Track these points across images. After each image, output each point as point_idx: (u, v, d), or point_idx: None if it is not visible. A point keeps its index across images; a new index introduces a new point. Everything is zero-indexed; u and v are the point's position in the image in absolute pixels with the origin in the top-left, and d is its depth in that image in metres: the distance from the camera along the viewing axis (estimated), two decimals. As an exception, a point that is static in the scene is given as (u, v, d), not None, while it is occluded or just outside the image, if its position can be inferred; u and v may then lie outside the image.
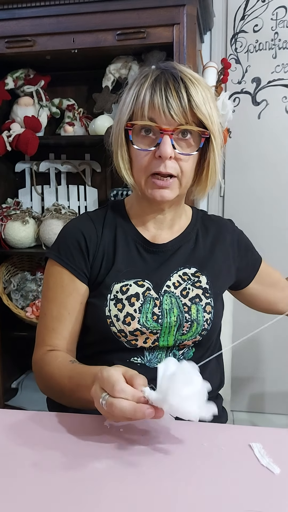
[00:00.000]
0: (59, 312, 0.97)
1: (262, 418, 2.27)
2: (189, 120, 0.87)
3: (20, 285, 2.06)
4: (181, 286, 0.98)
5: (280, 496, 0.61)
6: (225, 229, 1.09)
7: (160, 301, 0.95)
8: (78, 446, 0.72)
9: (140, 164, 0.91)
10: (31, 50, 1.74)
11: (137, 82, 0.90)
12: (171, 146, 0.87)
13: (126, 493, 0.61)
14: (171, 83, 0.86)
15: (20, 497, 0.60)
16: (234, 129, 2.13)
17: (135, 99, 0.89)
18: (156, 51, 1.73)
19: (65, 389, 0.86)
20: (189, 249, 1.02)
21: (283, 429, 0.78)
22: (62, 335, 0.97)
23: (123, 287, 0.95)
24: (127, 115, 0.91)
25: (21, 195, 2.15)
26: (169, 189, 0.92)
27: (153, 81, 0.88)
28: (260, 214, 2.19)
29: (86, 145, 2.08)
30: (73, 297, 0.97)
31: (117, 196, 1.93)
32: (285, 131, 2.12)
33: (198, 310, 0.96)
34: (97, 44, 1.69)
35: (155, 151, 0.89)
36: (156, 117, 0.87)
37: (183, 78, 0.87)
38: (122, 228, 1.02)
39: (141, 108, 0.88)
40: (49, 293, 0.99)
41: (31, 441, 0.74)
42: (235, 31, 2.10)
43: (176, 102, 0.85)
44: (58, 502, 0.59)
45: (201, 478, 0.64)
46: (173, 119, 0.86)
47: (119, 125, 0.93)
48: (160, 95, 0.86)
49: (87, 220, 1.03)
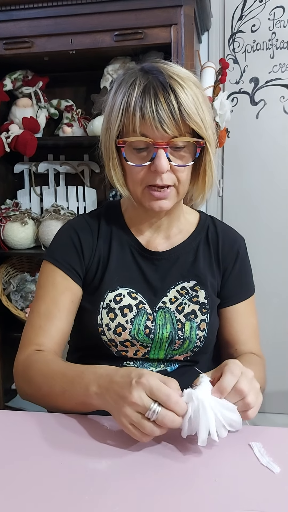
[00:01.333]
0: (48, 309, 0.93)
1: (261, 418, 2.27)
2: (182, 131, 0.84)
3: (19, 286, 2.06)
4: (178, 301, 0.95)
5: (280, 496, 0.61)
6: (227, 242, 1.03)
7: (154, 316, 0.94)
8: (77, 447, 0.72)
9: (135, 178, 0.89)
10: (29, 51, 1.74)
11: (125, 90, 0.85)
12: (166, 160, 0.84)
13: (126, 494, 0.61)
14: (160, 93, 0.82)
15: (20, 498, 0.61)
16: (232, 129, 2.13)
17: (124, 110, 0.85)
18: (154, 51, 1.74)
19: (55, 387, 0.80)
20: (189, 261, 0.99)
21: (283, 428, 0.78)
22: (50, 333, 0.91)
23: (116, 296, 0.94)
24: (117, 128, 0.87)
25: (20, 196, 2.15)
26: (167, 199, 0.90)
27: (142, 92, 0.83)
28: (259, 214, 2.19)
29: (85, 146, 2.08)
30: (65, 295, 0.94)
31: (116, 197, 1.94)
32: (283, 130, 2.12)
33: (192, 327, 0.94)
34: (95, 45, 1.69)
35: (150, 166, 0.86)
36: (149, 132, 0.83)
37: (171, 85, 0.82)
38: (117, 233, 1.00)
39: (131, 123, 0.84)
40: (40, 291, 0.96)
41: (31, 442, 0.74)
42: (232, 31, 2.10)
43: (167, 115, 0.81)
44: (57, 503, 0.59)
45: (201, 478, 0.64)
46: (166, 132, 0.82)
47: (110, 138, 0.89)
48: (151, 109, 0.81)
49: (83, 223, 1.01)
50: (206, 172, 0.93)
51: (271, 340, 2.22)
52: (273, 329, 2.22)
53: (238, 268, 1.03)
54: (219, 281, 1.01)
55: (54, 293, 0.94)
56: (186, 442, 0.73)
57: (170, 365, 0.96)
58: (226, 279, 1.02)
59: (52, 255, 0.97)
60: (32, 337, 0.92)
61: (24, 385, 0.89)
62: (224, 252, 1.02)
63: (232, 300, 1.03)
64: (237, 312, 1.03)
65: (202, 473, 0.66)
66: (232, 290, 1.02)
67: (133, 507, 0.58)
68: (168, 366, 0.96)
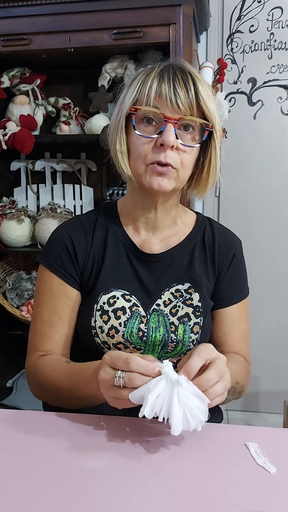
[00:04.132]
0: (49, 317, 0.96)
1: (256, 417, 2.28)
2: (194, 113, 0.86)
3: (15, 284, 2.06)
4: (172, 303, 0.95)
5: (276, 496, 0.61)
6: (223, 245, 1.03)
7: (147, 319, 0.94)
8: (73, 446, 0.72)
9: (139, 152, 0.88)
10: (27, 48, 1.74)
11: (143, 73, 0.89)
12: (174, 135, 0.85)
13: (123, 493, 0.61)
14: (179, 74, 0.86)
15: (16, 498, 0.60)
16: (230, 129, 2.13)
17: (140, 86, 0.87)
18: (152, 50, 1.74)
19: (63, 389, 0.86)
20: (184, 263, 0.99)
21: (279, 428, 0.79)
22: (54, 340, 0.95)
23: (110, 299, 0.94)
24: (132, 100, 0.88)
25: (17, 194, 2.15)
26: (167, 177, 0.88)
27: (161, 71, 0.87)
28: (256, 214, 2.20)
29: (82, 144, 2.07)
30: (63, 302, 0.96)
31: (113, 196, 1.93)
32: (281, 131, 2.13)
33: (185, 330, 0.94)
34: (93, 43, 1.69)
35: (157, 139, 0.86)
36: (162, 106, 0.86)
37: (191, 73, 0.87)
38: (113, 234, 1.00)
39: (147, 95, 0.86)
40: (40, 298, 0.98)
41: (26, 441, 0.73)
42: (231, 31, 2.11)
43: (183, 93, 0.85)
44: (54, 502, 0.59)
45: (197, 478, 0.65)
46: (179, 108, 0.85)
47: (120, 113, 0.91)
48: (168, 84, 0.85)
49: (77, 224, 1.01)
50: (211, 164, 0.94)
51: (265, 340, 2.23)
52: (266, 330, 2.23)
53: (232, 271, 1.03)
54: (213, 283, 1.01)
55: (53, 301, 0.96)
56: (181, 441, 0.73)
57: None
58: (220, 281, 1.02)
59: (47, 260, 0.98)
60: (39, 344, 0.96)
61: (35, 390, 0.95)
62: (220, 255, 1.02)
63: (224, 303, 1.02)
64: (227, 316, 1.02)
65: (199, 473, 0.66)
66: (224, 292, 1.02)
67: (130, 506, 0.58)
68: None
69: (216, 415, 1.04)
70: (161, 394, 0.66)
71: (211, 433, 0.77)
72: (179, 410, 0.66)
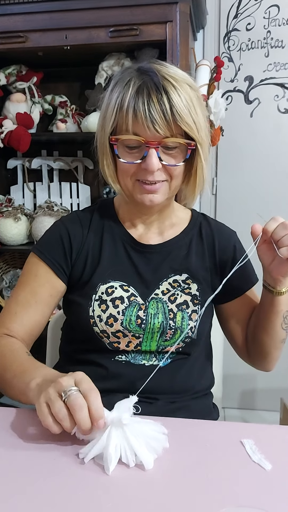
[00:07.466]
0: (25, 298, 0.96)
1: (253, 415, 2.29)
2: (173, 132, 0.85)
3: (12, 282, 2.06)
4: (170, 292, 0.97)
5: (272, 492, 0.61)
6: (223, 239, 1.05)
7: (146, 306, 0.95)
8: (71, 445, 0.72)
9: (127, 173, 0.91)
10: (23, 46, 1.73)
11: (120, 89, 0.87)
12: (157, 159, 0.86)
13: (119, 490, 0.61)
14: (153, 94, 0.83)
15: (13, 495, 0.60)
16: (227, 127, 2.13)
17: (118, 109, 0.87)
18: (149, 48, 1.73)
19: (9, 372, 0.84)
20: (182, 255, 1.01)
21: (275, 425, 0.79)
22: (22, 321, 0.95)
23: (108, 288, 0.95)
24: (111, 126, 0.89)
25: (13, 192, 2.15)
26: (158, 193, 0.91)
27: (136, 92, 0.84)
28: (252, 212, 2.19)
29: (79, 142, 2.07)
30: (44, 288, 0.97)
31: (110, 194, 1.93)
32: (277, 129, 2.13)
33: (183, 317, 0.95)
34: (89, 41, 1.69)
35: (141, 164, 0.87)
36: (141, 131, 0.85)
37: (165, 86, 0.84)
38: (109, 227, 1.02)
39: (125, 122, 0.86)
40: (21, 279, 1.00)
41: (23, 440, 0.73)
42: (228, 29, 2.11)
43: (159, 115, 0.83)
44: (50, 499, 0.59)
45: (193, 475, 0.65)
46: (157, 132, 0.84)
47: (104, 136, 0.91)
48: (143, 109, 0.83)
49: (75, 218, 1.03)
50: (197, 173, 0.94)
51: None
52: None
53: (237, 261, 1.04)
54: (214, 276, 1.02)
55: (34, 284, 0.97)
56: (178, 439, 0.73)
57: (162, 358, 0.97)
58: (227, 274, 1.03)
59: (39, 248, 1.00)
60: (6, 321, 0.96)
61: None
62: (221, 248, 1.03)
63: (238, 292, 1.04)
64: (244, 301, 1.05)
65: (194, 469, 0.66)
66: (236, 282, 1.02)
67: (126, 503, 0.59)
68: (161, 360, 0.96)
69: (213, 413, 1.04)
70: (117, 443, 0.66)
71: (207, 430, 0.78)
72: (141, 445, 0.66)
